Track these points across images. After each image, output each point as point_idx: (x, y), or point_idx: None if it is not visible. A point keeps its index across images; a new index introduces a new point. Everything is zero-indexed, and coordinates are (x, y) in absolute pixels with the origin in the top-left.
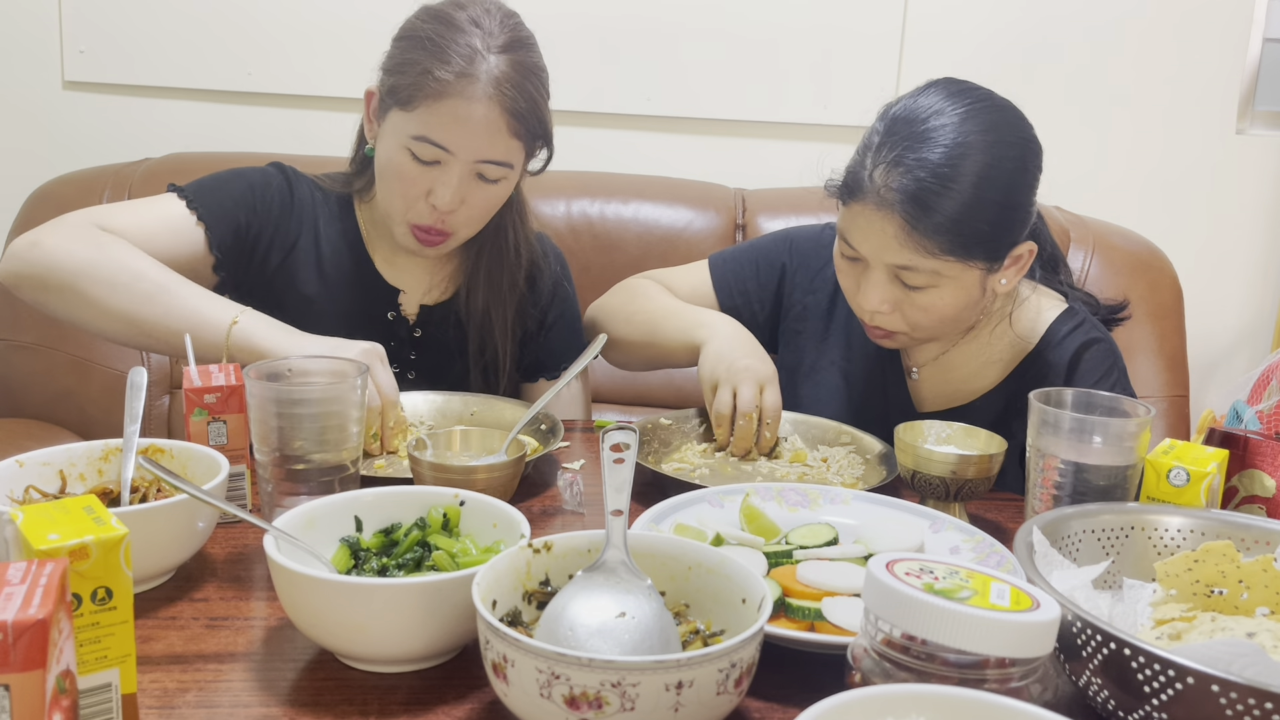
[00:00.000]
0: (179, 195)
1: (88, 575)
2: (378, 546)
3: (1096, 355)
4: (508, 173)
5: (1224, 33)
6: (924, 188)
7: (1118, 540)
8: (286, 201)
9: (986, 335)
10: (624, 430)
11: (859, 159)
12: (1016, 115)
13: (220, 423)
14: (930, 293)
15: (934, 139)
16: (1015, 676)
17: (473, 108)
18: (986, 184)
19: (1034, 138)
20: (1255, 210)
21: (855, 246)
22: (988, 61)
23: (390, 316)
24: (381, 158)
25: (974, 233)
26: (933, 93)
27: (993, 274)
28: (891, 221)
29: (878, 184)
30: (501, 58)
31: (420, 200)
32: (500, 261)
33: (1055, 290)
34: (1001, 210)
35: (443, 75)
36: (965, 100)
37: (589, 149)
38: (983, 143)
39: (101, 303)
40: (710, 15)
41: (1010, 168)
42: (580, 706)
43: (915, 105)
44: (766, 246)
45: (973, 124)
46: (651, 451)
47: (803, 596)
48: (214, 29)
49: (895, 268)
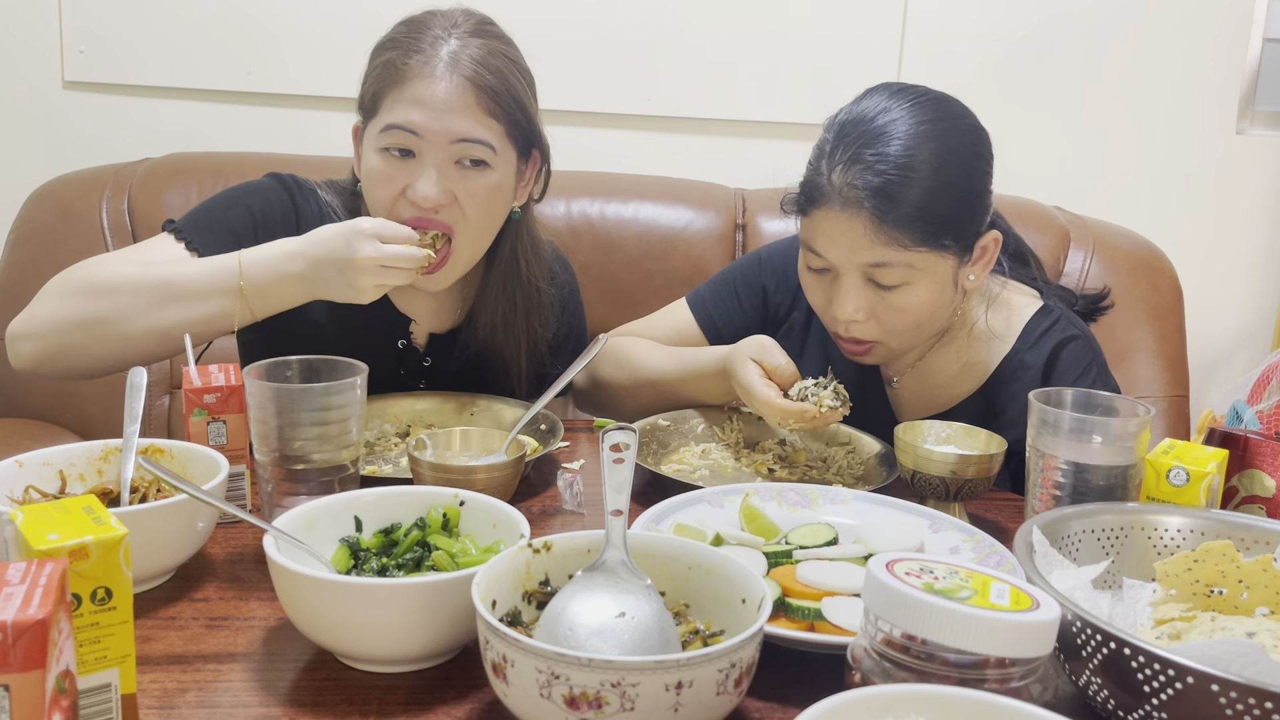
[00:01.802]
0: (177, 236)
1: (88, 575)
2: (378, 546)
3: (1073, 353)
4: (490, 155)
5: (1224, 33)
6: (887, 180)
7: (1118, 540)
8: (292, 222)
9: (963, 338)
10: (624, 430)
11: (813, 167)
12: (961, 106)
13: (220, 423)
14: (905, 290)
15: (887, 134)
16: (1015, 676)
17: (435, 85)
18: (945, 170)
19: (981, 126)
20: (1255, 210)
21: (823, 254)
22: (987, 61)
23: (400, 345)
24: (363, 175)
25: (941, 219)
26: (875, 95)
27: (963, 266)
28: (859, 219)
29: (838, 185)
30: (467, 40)
31: (401, 199)
32: (510, 293)
33: (1028, 285)
34: (963, 195)
35: (403, 62)
36: (909, 97)
37: (589, 149)
38: (934, 131)
39: (124, 333)
40: (710, 15)
41: (965, 153)
42: (580, 706)
43: (860, 108)
44: (740, 273)
45: (921, 115)
46: (650, 453)
47: (803, 596)
48: (214, 29)
49: (868, 267)
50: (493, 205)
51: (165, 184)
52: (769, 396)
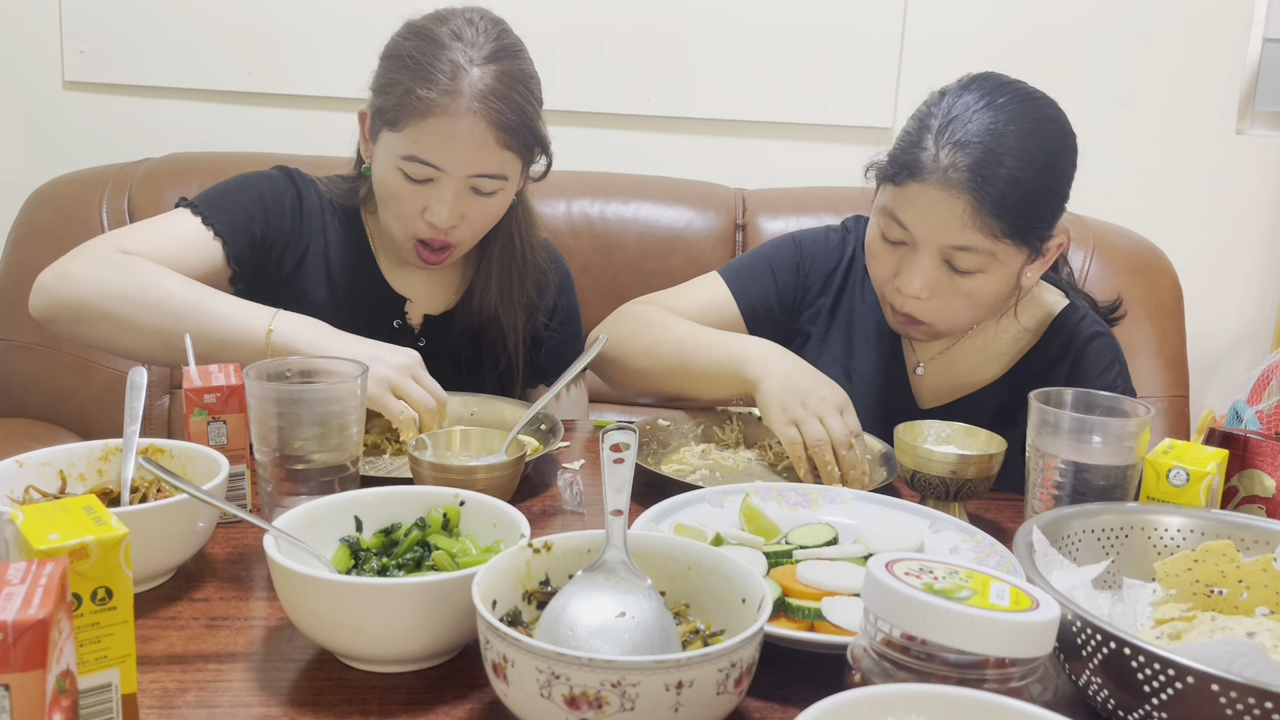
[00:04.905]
0: (193, 211)
1: (88, 575)
2: (378, 546)
3: (1100, 348)
4: (503, 184)
5: (1224, 33)
6: (994, 170)
7: (1118, 540)
8: (296, 209)
9: (992, 329)
10: (624, 430)
11: (914, 139)
12: (1060, 110)
13: (220, 423)
14: (978, 278)
15: (998, 124)
16: (1015, 676)
17: (458, 124)
18: (1047, 170)
19: (1073, 130)
20: (1255, 210)
21: (910, 227)
22: (987, 62)
23: (395, 325)
24: (377, 178)
25: (1033, 216)
26: (985, 83)
27: (1029, 264)
28: (959, 201)
29: (943, 163)
30: (486, 69)
31: (416, 218)
32: (507, 270)
33: (1053, 286)
34: (1056, 195)
35: (426, 94)
36: (1020, 92)
37: (589, 149)
38: (1042, 130)
39: (135, 326)
40: (710, 15)
41: (1064, 158)
42: (580, 706)
43: (971, 94)
44: (776, 251)
45: (1031, 112)
46: (650, 453)
47: (803, 596)
48: (214, 29)
49: (950, 249)
50: (498, 215)
51: (165, 184)
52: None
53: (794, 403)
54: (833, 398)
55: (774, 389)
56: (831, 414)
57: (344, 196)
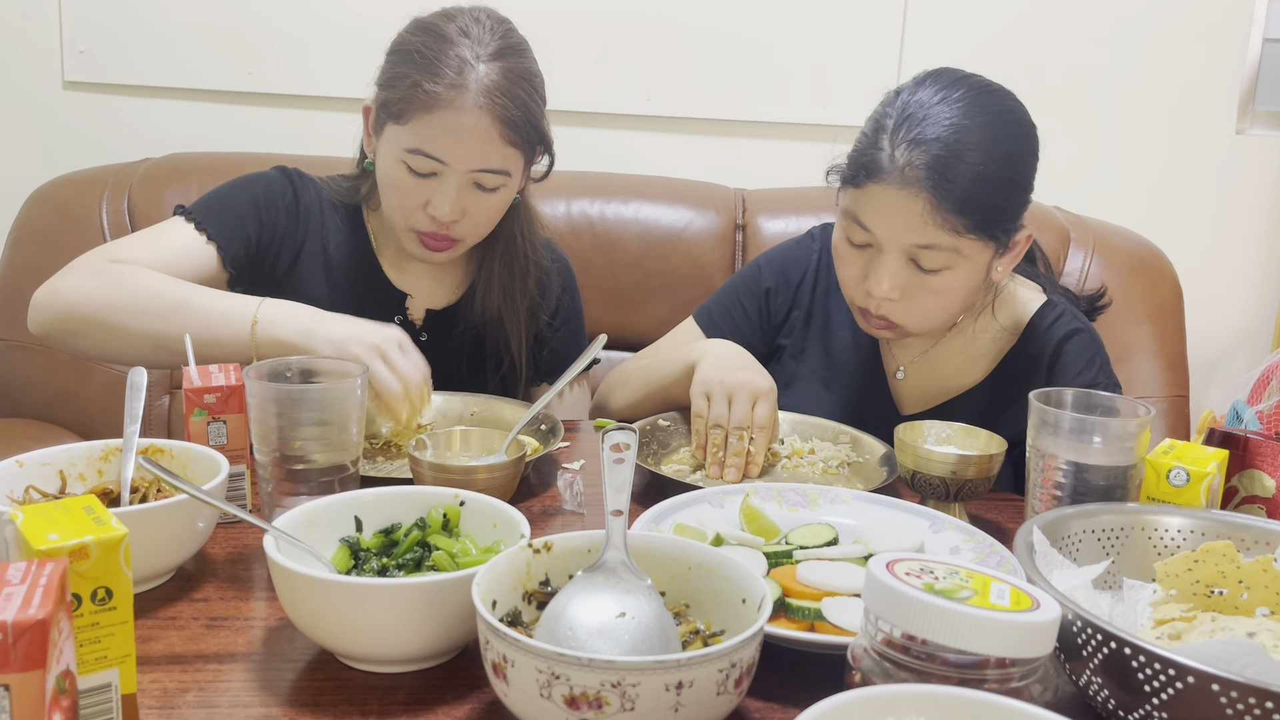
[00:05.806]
0: (186, 218)
1: (88, 575)
2: (378, 546)
3: (1078, 346)
4: (506, 180)
5: (1224, 33)
6: (951, 165)
7: (1118, 540)
8: (292, 208)
9: (970, 329)
10: (624, 430)
11: (870, 140)
12: (1017, 100)
13: (220, 423)
14: (945, 275)
15: (954, 120)
16: (1015, 676)
17: (463, 118)
18: (1006, 162)
19: (1032, 121)
20: (1255, 210)
21: (872, 229)
22: (987, 62)
23: (396, 320)
24: (380, 171)
25: (995, 209)
26: (939, 79)
27: (998, 258)
28: (918, 199)
29: (900, 163)
30: (492, 65)
31: (419, 211)
32: (509, 270)
33: (1032, 281)
34: (1016, 188)
35: (432, 88)
36: (973, 86)
37: (589, 149)
38: (998, 123)
39: (127, 331)
40: (710, 15)
41: (1023, 148)
42: (580, 706)
43: (926, 91)
44: (741, 281)
45: (987, 105)
46: (650, 453)
47: (803, 596)
48: (214, 29)
49: (914, 248)
50: (500, 211)
51: (165, 184)
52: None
53: (714, 380)
54: (752, 385)
55: (706, 367)
56: (743, 399)
57: (345, 194)
